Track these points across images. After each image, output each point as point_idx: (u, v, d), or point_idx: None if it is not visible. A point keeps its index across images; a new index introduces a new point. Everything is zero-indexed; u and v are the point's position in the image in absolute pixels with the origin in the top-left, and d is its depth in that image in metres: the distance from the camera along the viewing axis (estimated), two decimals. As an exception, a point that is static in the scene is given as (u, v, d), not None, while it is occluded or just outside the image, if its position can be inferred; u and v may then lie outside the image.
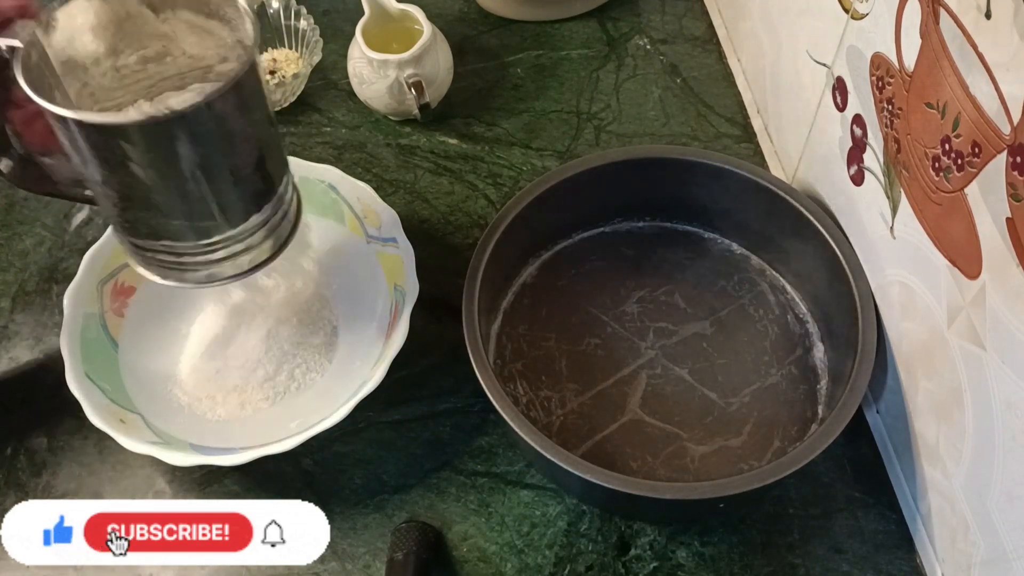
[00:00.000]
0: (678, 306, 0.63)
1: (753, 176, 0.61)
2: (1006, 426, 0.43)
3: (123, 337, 0.60)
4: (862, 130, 0.54)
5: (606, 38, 0.81)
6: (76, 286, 0.59)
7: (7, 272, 0.68)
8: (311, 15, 0.77)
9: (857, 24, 0.52)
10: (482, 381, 0.52)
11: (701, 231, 0.67)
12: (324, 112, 0.77)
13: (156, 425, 0.57)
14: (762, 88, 0.72)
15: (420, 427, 0.60)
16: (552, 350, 0.61)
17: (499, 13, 0.83)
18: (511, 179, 0.72)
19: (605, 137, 0.75)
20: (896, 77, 0.48)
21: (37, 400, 0.61)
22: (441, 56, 0.72)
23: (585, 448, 0.57)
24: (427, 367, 0.62)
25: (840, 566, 0.54)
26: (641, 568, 0.55)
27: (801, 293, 0.63)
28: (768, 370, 0.60)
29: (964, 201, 0.43)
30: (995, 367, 0.43)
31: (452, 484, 0.58)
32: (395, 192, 0.71)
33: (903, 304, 0.52)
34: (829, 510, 0.56)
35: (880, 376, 0.56)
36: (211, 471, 0.57)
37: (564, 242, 0.66)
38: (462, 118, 0.76)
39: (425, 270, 0.60)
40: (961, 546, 0.49)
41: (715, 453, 0.57)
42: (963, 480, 0.48)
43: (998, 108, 0.39)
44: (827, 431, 0.50)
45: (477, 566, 0.55)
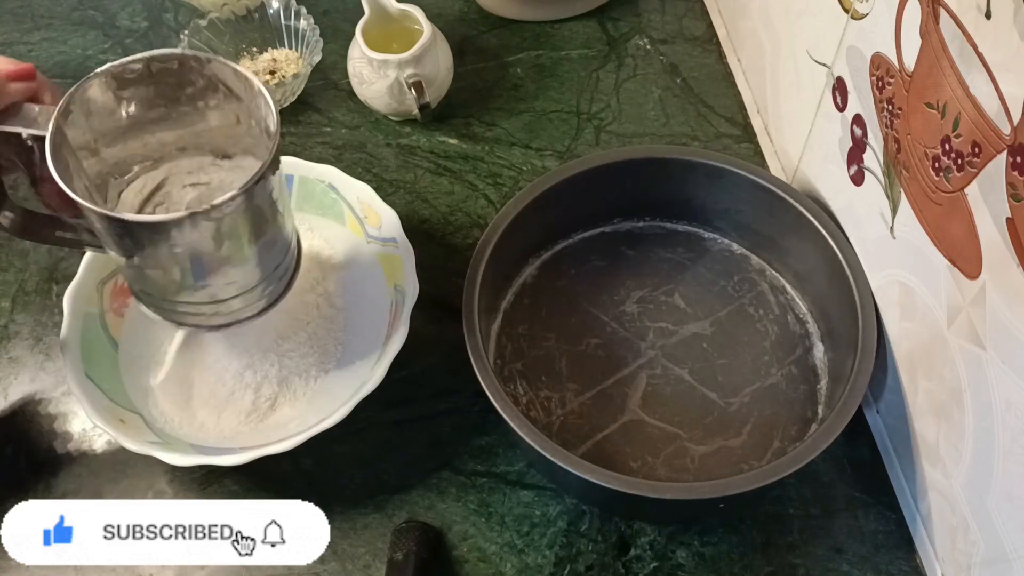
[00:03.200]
0: (678, 306, 0.63)
1: (753, 176, 0.61)
2: (1006, 426, 0.43)
3: (123, 337, 0.60)
4: (862, 130, 0.54)
5: (606, 38, 0.81)
6: (76, 286, 0.59)
7: (7, 272, 0.68)
8: (311, 15, 0.77)
9: (857, 24, 0.52)
10: (482, 381, 0.52)
11: (701, 231, 0.67)
12: (324, 112, 0.77)
13: (156, 425, 0.57)
14: (762, 88, 0.72)
15: (420, 427, 0.60)
16: (552, 350, 0.61)
17: (499, 13, 0.82)
18: (511, 179, 0.72)
19: (605, 137, 0.75)
20: (896, 77, 0.48)
21: (37, 400, 0.61)
22: (441, 56, 0.72)
23: (585, 448, 0.57)
24: (427, 367, 0.62)
25: (840, 566, 0.54)
26: (641, 568, 0.55)
27: (801, 293, 0.63)
28: (768, 370, 0.60)
29: (964, 201, 0.43)
30: (995, 367, 0.43)
31: (452, 484, 0.58)
32: (395, 192, 0.71)
33: (903, 304, 0.52)
34: (829, 510, 0.56)
35: (880, 376, 0.56)
36: (211, 471, 0.57)
37: (564, 242, 0.66)
38: (462, 118, 0.76)
39: (425, 270, 0.60)
40: (961, 546, 0.49)
41: (715, 453, 0.57)
42: (963, 480, 0.48)
43: (998, 108, 0.39)
44: (827, 431, 0.50)
45: (477, 566, 0.55)
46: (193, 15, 0.79)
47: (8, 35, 0.82)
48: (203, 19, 0.76)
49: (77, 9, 0.84)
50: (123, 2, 0.85)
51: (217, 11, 0.76)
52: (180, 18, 0.83)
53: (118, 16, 0.84)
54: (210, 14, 0.76)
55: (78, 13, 0.84)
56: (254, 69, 0.77)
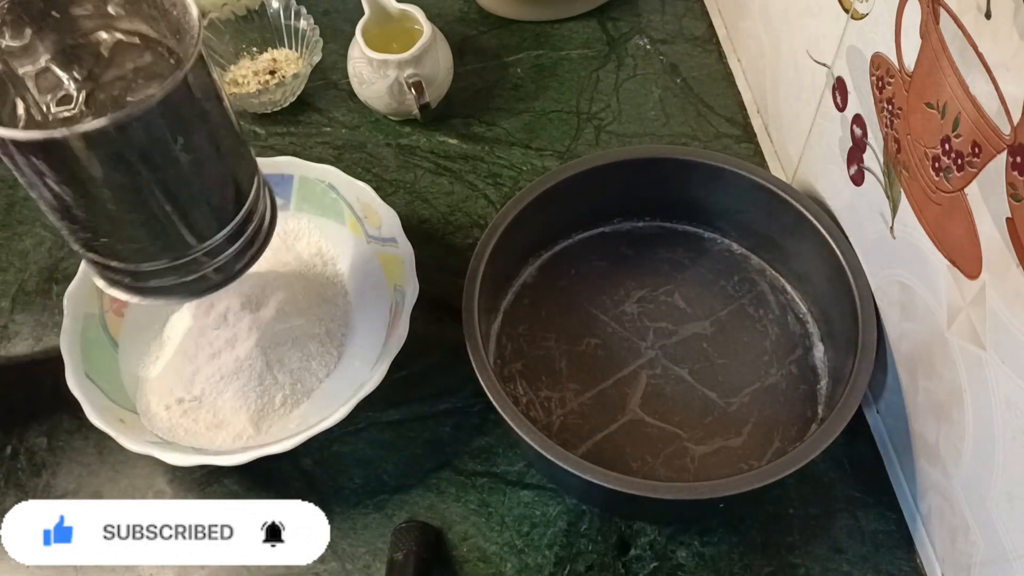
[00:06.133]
0: (678, 306, 0.63)
1: (753, 176, 0.61)
2: (1006, 426, 0.43)
3: (123, 337, 0.60)
4: (862, 130, 0.54)
5: (606, 38, 0.81)
6: (76, 286, 0.59)
7: (7, 272, 0.68)
8: (311, 15, 0.77)
9: (857, 24, 0.52)
10: (482, 381, 0.52)
11: (701, 231, 0.67)
12: (324, 112, 0.77)
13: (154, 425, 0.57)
14: (762, 88, 0.72)
15: (420, 427, 0.60)
16: (552, 350, 0.61)
17: (499, 13, 0.83)
18: (511, 179, 0.72)
19: (605, 137, 0.75)
20: (896, 77, 0.48)
21: (37, 400, 0.61)
22: (441, 56, 0.72)
23: (585, 448, 0.57)
24: (427, 367, 0.62)
25: (840, 566, 0.54)
26: (641, 568, 0.55)
27: (801, 293, 0.63)
28: (768, 370, 0.60)
29: (964, 201, 0.43)
30: (995, 367, 0.43)
31: (452, 484, 0.58)
32: (395, 192, 0.71)
33: (903, 304, 0.52)
34: (829, 510, 0.56)
35: (880, 376, 0.56)
36: (211, 471, 0.57)
37: (564, 242, 0.66)
38: (462, 118, 0.76)
39: (425, 270, 0.60)
40: (961, 546, 0.49)
41: (715, 453, 0.57)
42: (963, 480, 0.48)
43: (998, 108, 0.39)
44: (827, 431, 0.50)
45: (477, 566, 0.55)
46: (193, 15, 0.79)
47: (8, 35, 0.82)
48: (203, 19, 0.76)
49: (77, 9, 0.84)
50: (123, 2, 0.85)
51: (217, 11, 0.76)
52: (180, 18, 0.83)
53: (118, 16, 0.84)
54: (210, 14, 0.76)
55: (78, 13, 0.84)
56: (254, 69, 0.77)
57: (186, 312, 0.60)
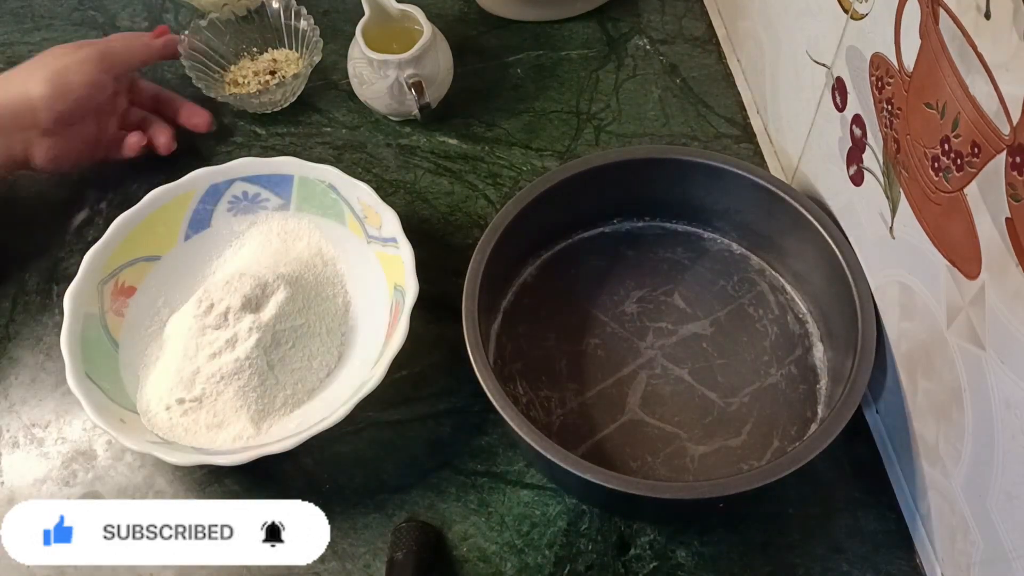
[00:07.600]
0: (678, 306, 0.63)
1: (753, 176, 0.61)
2: (1006, 426, 0.43)
3: (123, 337, 0.60)
4: (861, 130, 0.54)
5: (606, 38, 0.81)
6: (76, 286, 0.59)
7: (7, 272, 0.68)
8: (311, 15, 0.77)
9: (857, 24, 0.52)
10: (482, 381, 0.52)
11: (701, 231, 0.67)
12: (324, 112, 0.77)
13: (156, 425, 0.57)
14: (762, 88, 0.72)
15: (420, 427, 0.60)
16: (552, 350, 0.62)
17: (499, 13, 0.83)
18: (511, 179, 0.72)
19: (605, 137, 0.75)
20: (896, 77, 0.48)
21: (37, 400, 0.61)
22: (441, 56, 0.72)
23: (585, 448, 0.57)
24: (427, 367, 0.62)
25: (840, 566, 0.54)
26: (641, 568, 0.55)
27: (801, 293, 0.63)
28: (768, 370, 0.60)
29: (963, 201, 0.43)
30: (995, 367, 0.43)
31: (452, 484, 0.58)
32: (395, 192, 0.71)
33: (902, 304, 0.52)
34: (829, 510, 0.56)
35: (880, 376, 0.56)
36: (211, 471, 0.57)
37: (564, 242, 0.66)
38: (462, 118, 0.76)
39: (425, 270, 0.60)
40: (961, 546, 0.49)
41: (715, 453, 0.57)
42: (963, 480, 0.48)
43: (997, 108, 0.39)
44: (827, 431, 0.50)
45: (477, 566, 0.55)
46: (193, 15, 0.79)
47: (8, 35, 0.82)
48: (203, 19, 0.76)
49: (77, 9, 0.84)
50: (123, 2, 0.85)
51: (217, 11, 0.76)
52: (180, 18, 0.83)
53: (118, 16, 0.84)
54: (210, 14, 0.76)
55: (78, 13, 0.84)
56: (254, 69, 0.77)
57: (186, 312, 0.60)
